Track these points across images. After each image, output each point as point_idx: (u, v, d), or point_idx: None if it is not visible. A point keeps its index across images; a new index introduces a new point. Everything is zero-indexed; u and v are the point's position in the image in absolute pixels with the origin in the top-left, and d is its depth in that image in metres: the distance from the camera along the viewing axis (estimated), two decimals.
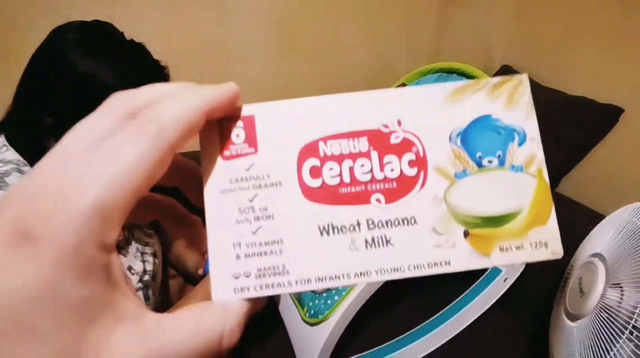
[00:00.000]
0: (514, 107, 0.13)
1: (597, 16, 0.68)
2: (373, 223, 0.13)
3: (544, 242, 0.13)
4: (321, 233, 0.12)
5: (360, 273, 0.12)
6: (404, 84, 0.70)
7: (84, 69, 0.42)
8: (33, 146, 0.44)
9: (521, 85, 0.13)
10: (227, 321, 0.11)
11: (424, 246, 0.12)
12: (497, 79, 0.13)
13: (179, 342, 0.10)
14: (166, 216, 0.15)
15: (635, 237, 0.45)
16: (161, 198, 0.15)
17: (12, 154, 0.44)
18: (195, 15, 0.83)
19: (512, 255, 0.13)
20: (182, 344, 0.10)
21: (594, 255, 0.49)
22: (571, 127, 0.68)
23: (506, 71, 0.85)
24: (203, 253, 0.66)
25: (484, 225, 0.13)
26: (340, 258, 0.12)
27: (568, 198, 0.67)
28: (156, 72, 0.47)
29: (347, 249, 0.12)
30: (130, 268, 0.51)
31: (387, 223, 0.13)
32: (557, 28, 0.75)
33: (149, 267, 0.54)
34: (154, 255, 0.56)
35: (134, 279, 0.51)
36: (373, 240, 0.12)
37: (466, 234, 0.13)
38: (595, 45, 0.68)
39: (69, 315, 0.09)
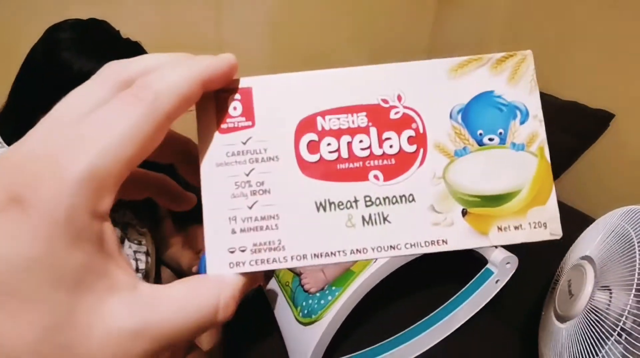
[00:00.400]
0: (517, 83, 0.13)
1: (590, 22, 0.69)
2: (370, 199, 0.12)
3: (543, 222, 0.12)
4: (318, 209, 0.12)
5: (357, 250, 0.12)
6: None
7: (79, 68, 0.42)
8: None
9: (525, 61, 0.13)
10: (222, 294, 0.11)
11: (421, 224, 0.12)
12: (501, 54, 0.13)
13: (173, 313, 0.10)
14: (160, 194, 0.15)
15: (623, 240, 0.45)
16: (155, 175, 0.15)
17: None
18: (193, 16, 0.83)
19: (510, 235, 0.12)
20: (176, 315, 0.10)
21: (583, 258, 0.50)
22: (562, 131, 0.69)
23: None
24: (197, 251, 0.65)
25: (483, 204, 0.12)
26: (337, 234, 0.12)
27: (559, 201, 0.67)
28: None
29: (343, 225, 0.12)
30: None
31: (384, 200, 0.12)
32: (550, 32, 0.76)
33: (142, 266, 0.53)
34: (147, 254, 0.55)
35: None
36: (370, 216, 0.12)
37: (464, 213, 0.12)
38: (588, 50, 0.70)
39: (61, 283, 0.09)
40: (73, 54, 0.42)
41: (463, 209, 0.12)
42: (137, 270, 0.52)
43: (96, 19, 0.47)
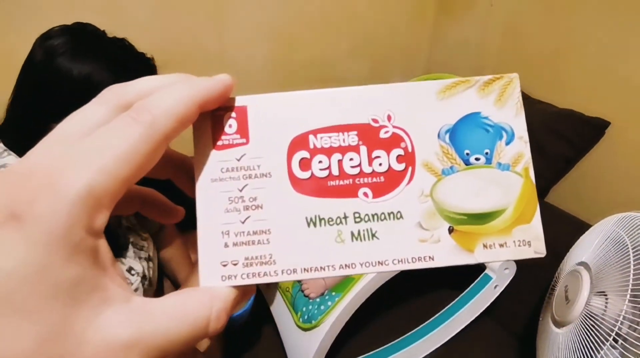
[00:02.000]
0: (503, 105, 0.13)
1: (587, 31, 0.70)
2: (360, 216, 0.13)
3: (528, 241, 0.13)
4: (308, 225, 0.13)
5: (345, 265, 0.12)
6: None
7: (78, 71, 0.43)
8: None
9: (511, 84, 0.13)
10: (214, 306, 0.11)
11: (409, 241, 0.13)
12: (488, 77, 0.13)
13: (166, 324, 0.10)
14: (148, 208, 0.15)
15: (618, 246, 0.46)
16: (143, 189, 0.15)
17: (13, 159, 0.44)
18: (194, 27, 0.84)
19: (495, 252, 0.13)
20: (169, 326, 0.10)
21: (580, 264, 0.50)
22: (559, 139, 0.70)
23: None
24: (195, 261, 0.65)
25: (469, 222, 0.13)
26: (326, 249, 0.12)
27: (556, 208, 0.68)
28: (144, 64, 0.48)
29: (333, 241, 0.13)
30: (130, 269, 0.50)
31: (373, 216, 0.13)
32: (547, 42, 0.77)
33: (147, 272, 0.53)
34: (149, 259, 0.55)
35: (135, 280, 0.50)
36: (359, 232, 0.13)
37: (451, 230, 0.13)
38: (584, 58, 0.71)
39: (58, 296, 0.09)
40: (69, 59, 0.43)
41: (449, 226, 0.13)
42: (144, 276, 0.52)
43: (81, 22, 0.47)
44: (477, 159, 0.13)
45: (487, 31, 0.91)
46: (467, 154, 0.13)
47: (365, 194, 0.13)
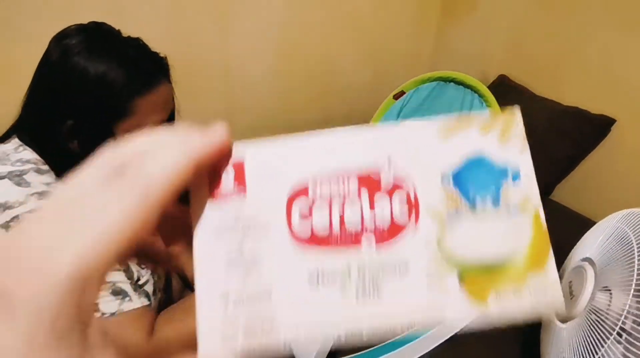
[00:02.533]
0: (507, 142, 0.13)
1: (589, 31, 0.68)
2: (363, 268, 0.12)
3: (543, 287, 0.12)
4: (310, 281, 0.12)
5: (351, 327, 0.12)
6: (403, 92, 0.70)
7: (94, 70, 0.43)
8: (56, 149, 0.45)
9: (514, 119, 0.13)
10: None
11: (416, 294, 0.12)
12: (489, 114, 0.13)
13: None
14: (141, 258, 0.15)
15: (623, 242, 0.45)
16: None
17: (29, 154, 0.44)
18: (199, 36, 0.82)
19: (509, 302, 0.12)
20: None
21: (584, 260, 0.50)
22: (564, 136, 0.69)
23: (502, 80, 0.85)
24: None
25: (479, 270, 0.12)
26: (330, 307, 0.12)
27: (561, 205, 0.68)
28: (157, 64, 0.48)
29: (337, 299, 0.12)
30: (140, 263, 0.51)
31: (377, 268, 0.12)
32: (551, 41, 0.75)
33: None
34: None
35: (145, 273, 0.50)
36: (364, 287, 0.12)
37: (460, 279, 0.12)
38: (589, 56, 0.69)
39: None
40: (85, 58, 0.43)
41: (459, 275, 0.12)
42: (154, 269, 0.52)
43: (96, 22, 0.47)
44: (483, 202, 0.13)
45: (490, 35, 0.89)
46: (473, 197, 0.13)
47: (369, 244, 0.12)
